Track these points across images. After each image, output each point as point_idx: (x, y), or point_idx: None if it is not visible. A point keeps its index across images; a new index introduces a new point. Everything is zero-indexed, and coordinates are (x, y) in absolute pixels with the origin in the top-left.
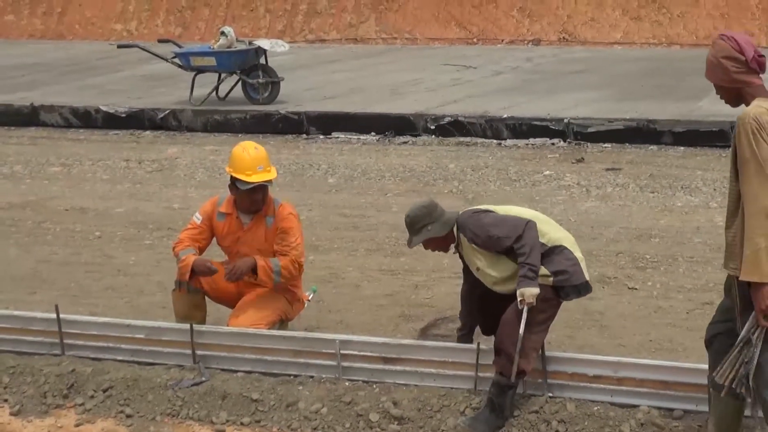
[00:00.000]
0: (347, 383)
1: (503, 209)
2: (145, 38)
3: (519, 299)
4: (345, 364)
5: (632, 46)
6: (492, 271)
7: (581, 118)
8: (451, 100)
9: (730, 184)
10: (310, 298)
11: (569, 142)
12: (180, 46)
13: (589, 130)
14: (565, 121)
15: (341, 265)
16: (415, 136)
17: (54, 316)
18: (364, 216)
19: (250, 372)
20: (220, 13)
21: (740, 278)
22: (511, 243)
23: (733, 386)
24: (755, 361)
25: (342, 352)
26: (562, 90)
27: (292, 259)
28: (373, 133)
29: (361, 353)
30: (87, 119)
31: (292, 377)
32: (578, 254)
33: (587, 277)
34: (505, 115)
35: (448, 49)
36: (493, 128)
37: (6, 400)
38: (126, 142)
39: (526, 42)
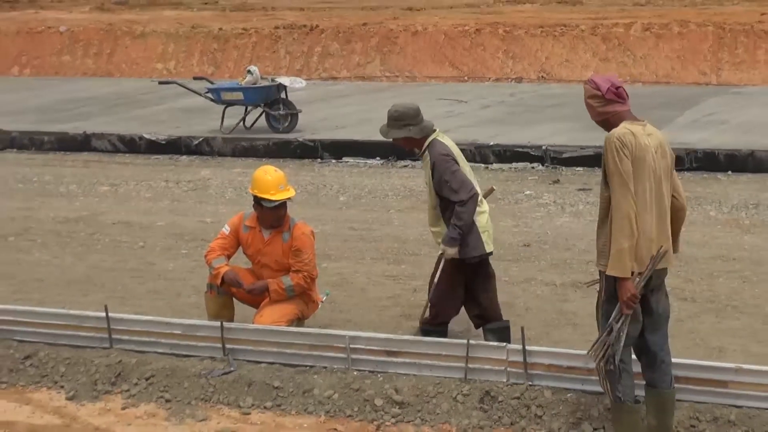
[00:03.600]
0: (355, 373)
1: (463, 165)
2: (182, 76)
3: (440, 252)
4: (354, 356)
5: None
6: (430, 197)
7: (557, 145)
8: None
9: (600, 196)
10: (323, 299)
11: (547, 166)
12: (212, 83)
13: (564, 155)
14: (543, 148)
15: (350, 272)
16: (415, 160)
17: (104, 314)
18: (370, 229)
19: (272, 363)
20: (247, 54)
21: (606, 273)
22: (454, 200)
23: (602, 364)
24: (621, 342)
25: (351, 346)
26: (541, 121)
27: (304, 275)
28: (378, 158)
29: (368, 347)
30: (132, 145)
31: (308, 368)
32: (488, 225)
33: (488, 248)
34: (491, 143)
35: (442, 86)
36: (481, 154)
37: (62, 387)
38: (165, 165)
39: (509, 80)
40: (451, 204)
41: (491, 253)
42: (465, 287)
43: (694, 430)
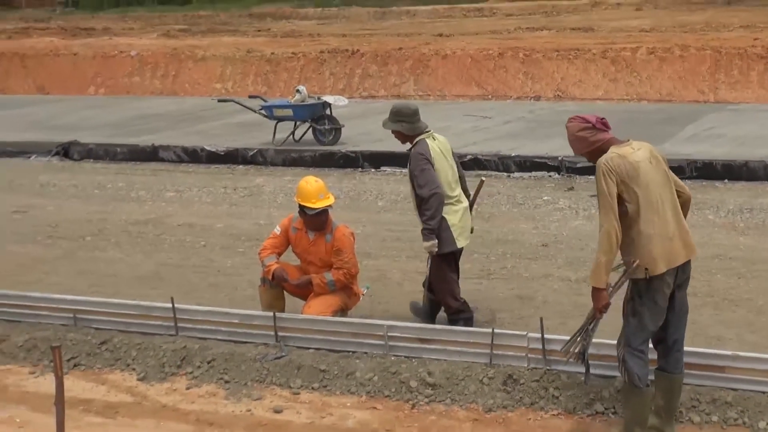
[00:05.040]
0: (393, 358)
1: (443, 168)
2: (238, 94)
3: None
4: (391, 343)
5: (611, 101)
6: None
7: (571, 156)
8: (472, 142)
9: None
10: (364, 293)
11: (562, 175)
12: (265, 101)
13: (578, 165)
14: (559, 158)
15: (388, 268)
16: None
17: (170, 305)
18: (406, 231)
19: (318, 349)
20: (296, 75)
21: (592, 285)
22: (418, 194)
23: (572, 360)
24: (591, 340)
25: (389, 334)
26: (557, 135)
27: (344, 272)
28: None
29: (403, 335)
30: (194, 156)
31: (350, 353)
32: (461, 222)
33: (459, 244)
34: (513, 154)
35: (469, 103)
36: (503, 164)
37: (134, 369)
38: (224, 173)
39: (529, 98)
40: (418, 197)
41: (461, 249)
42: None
43: (695, 410)
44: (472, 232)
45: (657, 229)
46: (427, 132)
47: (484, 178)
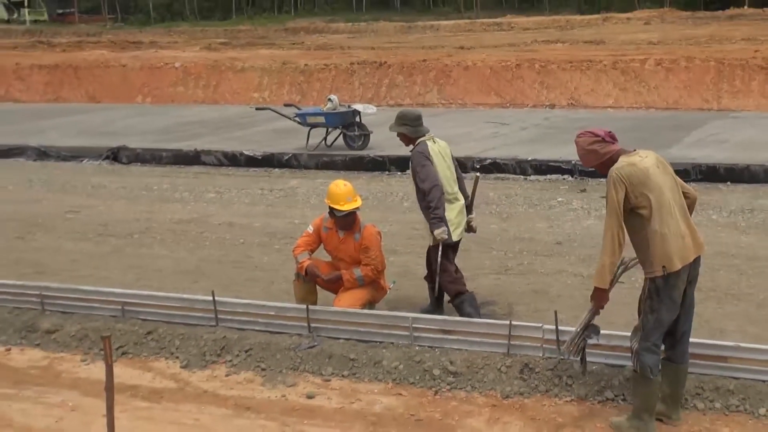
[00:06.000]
0: (417, 348)
1: (442, 168)
2: (274, 103)
3: (429, 245)
4: (416, 334)
5: (620, 109)
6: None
7: None
8: (491, 147)
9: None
10: (390, 287)
11: (575, 178)
12: (299, 109)
13: (590, 169)
14: (573, 162)
15: (413, 264)
16: (465, 172)
17: (211, 298)
18: None
19: (348, 339)
20: (327, 85)
21: (594, 285)
22: (421, 188)
23: (573, 356)
24: (591, 339)
25: (414, 325)
26: (570, 141)
27: (371, 268)
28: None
29: (427, 327)
30: (234, 160)
31: (378, 343)
32: (457, 218)
33: (454, 238)
34: (529, 158)
35: (488, 111)
36: (521, 167)
37: (177, 357)
38: (261, 176)
39: (544, 106)
40: (421, 192)
41: (458, 242)
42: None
43: (699, 397)
44: (469, 230)
45: (671, 229)
46: (427, 135)
47: (479, 174)
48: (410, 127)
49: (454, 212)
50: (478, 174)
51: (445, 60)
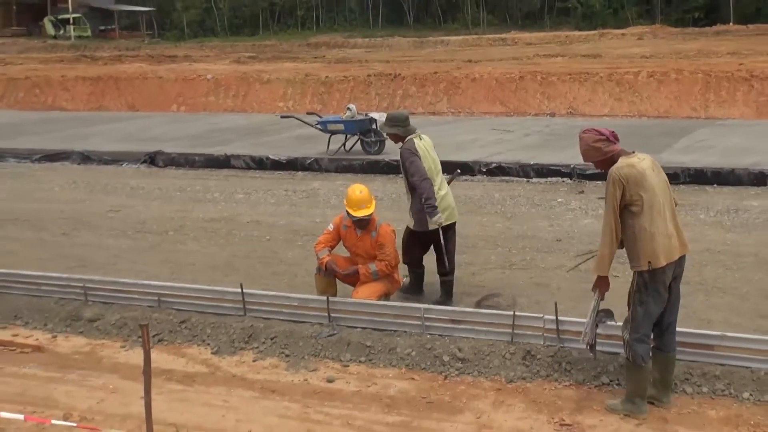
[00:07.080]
0: (428, 336)
1: (427, 162)
2: (298, 111)
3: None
4: (427, 323)
5: (615, 117)
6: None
7: (582, 164)
8: (497, 152)
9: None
10: (404, 280)
11: (574, 180)
12: (321, 117)
13: (588, 172)
14: (572, 166)
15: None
16: (473, 175)
17: (239, 290)
18: None
19: (365, 328)
20: (346, 95)
21: (595, 274)
22: (411, 180)
23: (592, 345)
24: (597, 327)
25: (425, 315)
26: (569, 146)
27: (386, 263)
28: (445, 174)
29: (438, 317)
30: (260, 164)
31: (392, 331)
32: (441, 205)
33: (430, 226)
34: (532, 162)
35: (494, 119)
36: (524, 170)
37: (208, 344)
38: (285, 178)
39: (545, 115)
40: (411, 184)
41: (453, 223)
42: (424, 247)
43: (688, 382)
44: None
45: (659, 228)
46: (415, 133)
47: (459, 170)
48: (402, 128)
49: (437, 201)
50: (458, 170)
51: (455, 72)
